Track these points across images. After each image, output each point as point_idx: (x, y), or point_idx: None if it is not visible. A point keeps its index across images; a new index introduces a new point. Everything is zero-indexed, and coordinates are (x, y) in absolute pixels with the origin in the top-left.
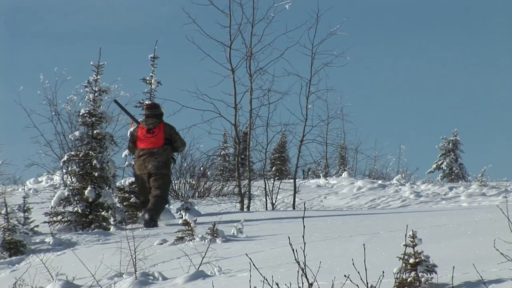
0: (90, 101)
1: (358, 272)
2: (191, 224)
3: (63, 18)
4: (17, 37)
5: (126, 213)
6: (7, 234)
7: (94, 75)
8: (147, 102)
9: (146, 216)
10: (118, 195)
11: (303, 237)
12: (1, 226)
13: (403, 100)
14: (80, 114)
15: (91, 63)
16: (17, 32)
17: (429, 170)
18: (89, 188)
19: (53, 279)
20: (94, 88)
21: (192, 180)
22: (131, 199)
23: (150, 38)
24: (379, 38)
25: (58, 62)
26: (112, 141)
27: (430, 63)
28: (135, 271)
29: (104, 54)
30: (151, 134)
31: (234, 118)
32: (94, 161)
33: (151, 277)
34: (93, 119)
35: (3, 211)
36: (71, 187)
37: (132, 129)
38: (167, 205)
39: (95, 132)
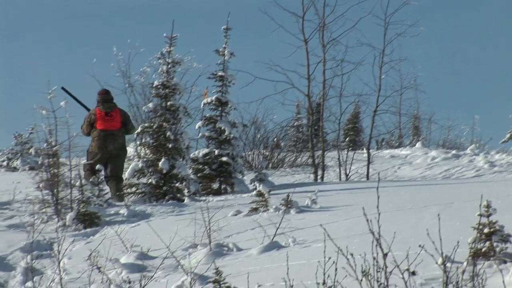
0: (163, 72)
1: (433, 242)
2: (265, 195)
3: None
4: (90, 10)
5: (200, 184)
6: (81, 206)
7: (167, 47)
8: (102, 89)
9: (116, 199)
10: (192, 166)
11: (377, 207)
12: (76, 198)
13: (477, 69)
14: (154, 85)
15: (164, 35)
16: (90, 5)
17: (503, 140)
18: (163, 159)
19: (128, 251)
20: (167, 60)
21: (266, 151)
22: (205, 171)
23: (223, 9)
24: (453, 5)
25: (131, 35)
26: (186, 113)
27: (505, 30)
28: (210, 242)
29: (176, 25)
30: (109, 117)
31: (307, 88)
32: (168, 133)
33: (226, 248)
34: (167, 90)
35: (77, 183)
36: (145, 159)
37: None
38: None
39: (168, 103)
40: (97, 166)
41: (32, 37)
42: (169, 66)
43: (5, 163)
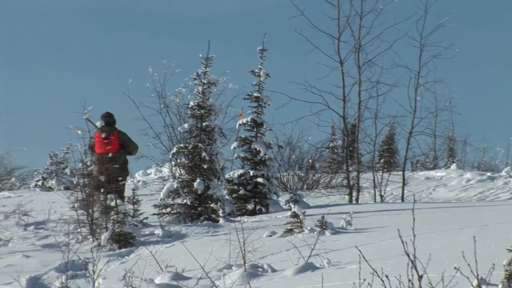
0: (199, 93)
1: (468, 264)
2: (300, 216)
3: (169, 8)
4: (124, 29)
5: (235, 205)
6: (117, 226)
7: (202, 68)
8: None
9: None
10: (227, 187)
11: (412, 229)
12: (111, 218)
13: None
14: (189, 106)
15: (200, 55)
16: (124, 24)
17: None
18: (198, 180)
19: (163, 271)
20: (203, 81)
21: (301, 172)
22: (240, 191)
23: (258, 29)
24: (488, 28)
25: (167, 55)
26: (221, 133)
27: None
28: (244, 263)
29: (212, 46)
30: (107, 140)
31: (343, 110)
32: (203, 153)
33: (260, 269)
34: (202, 111)
35: (112, 204)
36: (180, 179)
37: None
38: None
39: (204, 124)
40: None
41: (69, 56)
42: (204, 87)
43: (40, 183)
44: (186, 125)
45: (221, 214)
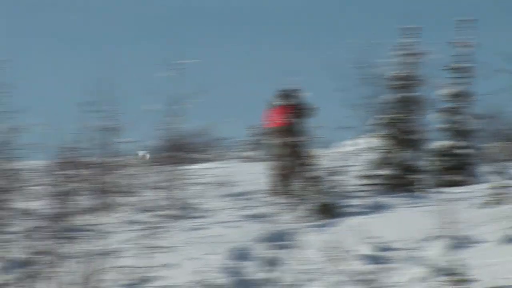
0: (400, 64)
1: None
2: (506, 187)
3: None
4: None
5: (436, 177)
6: (319, 197)
7: (405, 38)
8: None
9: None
10: (431, 158)
11: None
12: (314, 189)
13: None
14: (389, 77)
15: (402, 26)
16: None
17: None
18: (401, 151)
19: (367, 242)
20: (404, 51)
21: (505, 144)
22: (444, 162)
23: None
24: None
25: (371, 28)
26: (424, 104)
27: None
28: (447, 234)
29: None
30: (280, 114)
31: None
32: (406, 124)
33: (464, 240)
34: (403, 82)
35: (316, 174)
36: (383, 151)
37: None
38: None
39: (405, 95)
40: None
41: (266, 28)
42: (406, 58)
43: (242, 154)
44: (388, 96)
45: (424, 185)
